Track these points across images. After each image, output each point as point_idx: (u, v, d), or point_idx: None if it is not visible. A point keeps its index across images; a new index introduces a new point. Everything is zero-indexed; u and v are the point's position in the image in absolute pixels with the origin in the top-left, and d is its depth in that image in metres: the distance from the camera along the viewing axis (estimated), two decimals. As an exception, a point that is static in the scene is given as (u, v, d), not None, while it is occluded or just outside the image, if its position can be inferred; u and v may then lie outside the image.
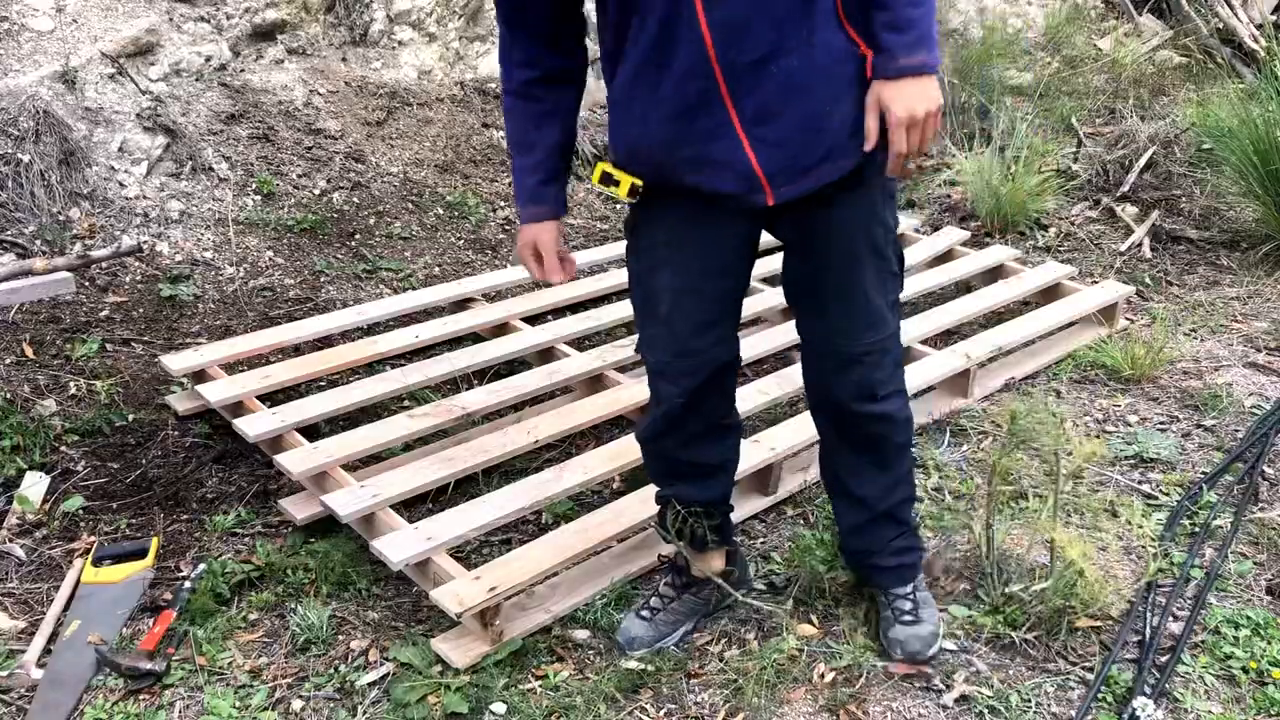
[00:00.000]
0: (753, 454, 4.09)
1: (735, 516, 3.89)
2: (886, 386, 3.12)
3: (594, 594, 3.64)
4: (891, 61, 2.65)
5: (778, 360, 5.13)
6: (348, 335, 5.18)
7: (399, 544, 3.55)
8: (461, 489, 4.12)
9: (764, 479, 4.18)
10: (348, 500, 3.76)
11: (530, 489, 3.89)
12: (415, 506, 4.00)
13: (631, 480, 4.21)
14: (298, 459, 4.00)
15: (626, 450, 4.14)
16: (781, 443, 4.19)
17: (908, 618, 3.33)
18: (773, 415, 4.59)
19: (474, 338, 5.17)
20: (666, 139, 2.79)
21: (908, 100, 2.65)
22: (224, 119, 6.29)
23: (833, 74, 2.71)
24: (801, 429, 4.29)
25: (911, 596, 3.37)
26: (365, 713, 3.18)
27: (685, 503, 3.32)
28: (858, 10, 2.67)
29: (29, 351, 4.71)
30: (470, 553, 3.93)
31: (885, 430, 3.20)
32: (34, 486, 4.05)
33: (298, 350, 5.00)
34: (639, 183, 2.91)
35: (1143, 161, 7.58)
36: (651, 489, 3.77)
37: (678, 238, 2.99)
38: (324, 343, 5.02)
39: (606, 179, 2.93)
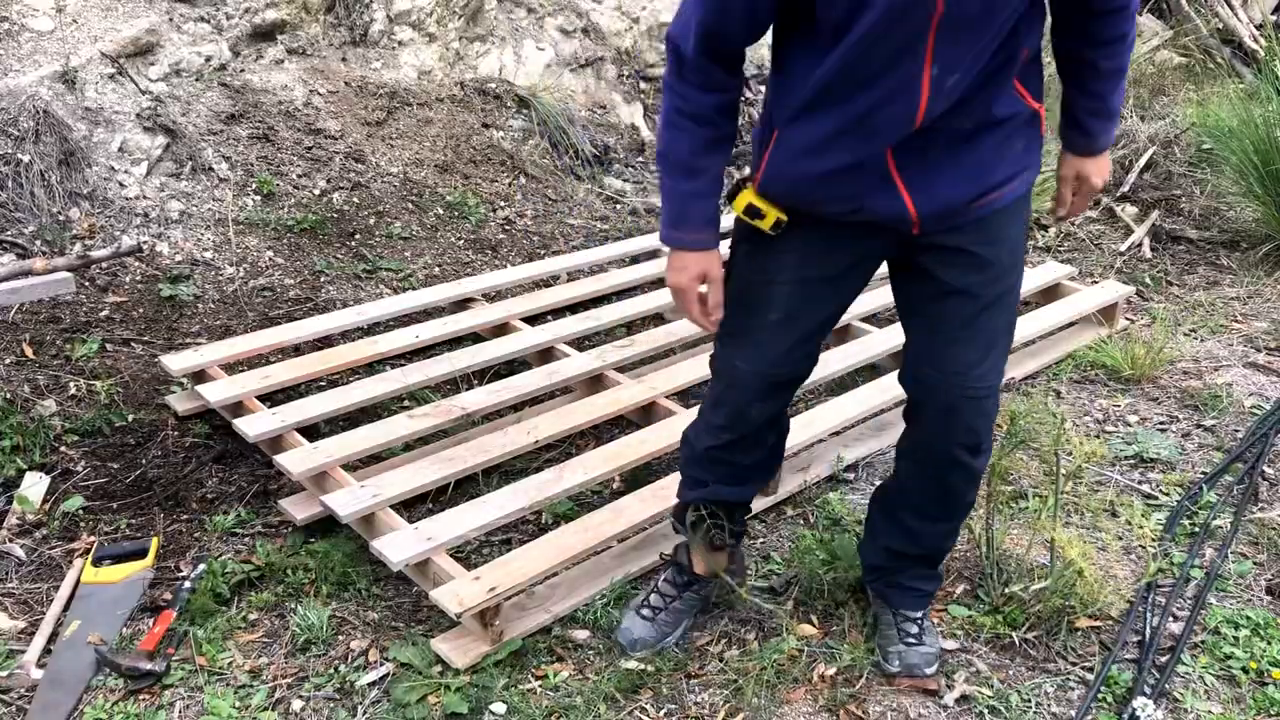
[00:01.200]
0: None
1: None
2: (986, 440, 3.08)
3: (594, 594, 3.64)
4: (1094, 143, 3.00)
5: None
6: (348, 335, 5.18)
7: (399, 544, 3.55)
8: (461, 489, 4.12)
9: None
10: (348, 500, 3.76)
11: (530, 489, 3.88)
12: (415, 507, 4.00)
13: (631, 480, 4.22)
14: (298, 459, 4.00)
15: (626, 450, 4.15)
16: None
17: (911, 639, 3.34)
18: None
19: (474, 338, 5.17)
20: (828, 185, 2.75)
21: (1103, 172, 3.04)
22: (224, 119, 6.30)
23: (1001, 131, 2.75)
24: (802, 429, 4.30)
25: (919, 622, 3.37)
26: (365, 713, 3.18)
27: (718, 502, 3.31)
28: (1025, 71, 2.74)
29: (29, 352, 4.72)
30: (470, 553, 3.93)
31: (966, 486, 3.18)
32: (34, 487, 4.05)
33: (298, 350, 5.00)
34: (784, 217, 2.84)
35: (1143, 161, 7.61)
36: (652, 489, 3.78)
37: (805, 247, 2.93)
38: (324, 343, 5.02)
39: (752, 211, 2.85)
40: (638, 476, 4.18)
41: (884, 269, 3.08)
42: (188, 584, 3.66)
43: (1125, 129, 7.99)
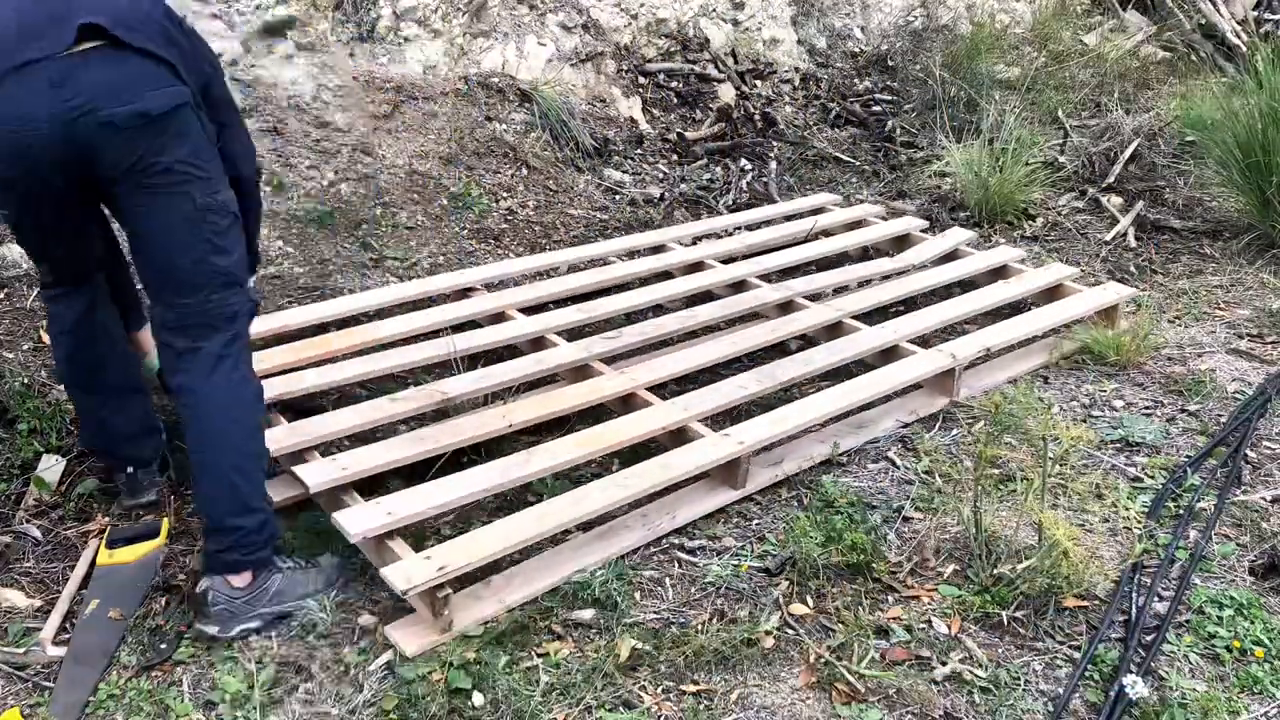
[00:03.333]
0: (721, 447, 4.13)
1: (701, 508, 4.05)
2: None
3: (550, 585, 3.65)
4: None
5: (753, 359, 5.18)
6: (348, 322, 5.18)
7: (358, 517, 3.59)
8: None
9: (732, 472, 4.18)
10: (317, 472, 3.81)
11: (496, 471, 3.88)
12: (388, 488, 3.98)
13: (603, 468, 4.27)
14: (276, 438, 3.99)
15: (601, 437, 4.16)
16: (750, 437, 4.20)
17: None
18: (749, 411, 4.60)
19: (473, 325, 5.16)
20: None
21: None
22: (235, 113, 6.33)
23: None
24: (774, 424, 4.31)
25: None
26: (371, 689, 3.23)
27: None
28: None
29: (46, 339, 4.73)
30: (446, 538, 3.88)
31: None
32: (50, 469, 4.10)
33: (302, 336, 4.97)
34: None
35: (1127, 153, 7.69)
36: (615, 479, 3.88)
37: None
38: (321, 329, 4.99)
39: None
40: (607, 465, 4.24)
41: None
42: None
43: (1111, 122, 8.06)
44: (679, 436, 4.29)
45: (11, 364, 4.47)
